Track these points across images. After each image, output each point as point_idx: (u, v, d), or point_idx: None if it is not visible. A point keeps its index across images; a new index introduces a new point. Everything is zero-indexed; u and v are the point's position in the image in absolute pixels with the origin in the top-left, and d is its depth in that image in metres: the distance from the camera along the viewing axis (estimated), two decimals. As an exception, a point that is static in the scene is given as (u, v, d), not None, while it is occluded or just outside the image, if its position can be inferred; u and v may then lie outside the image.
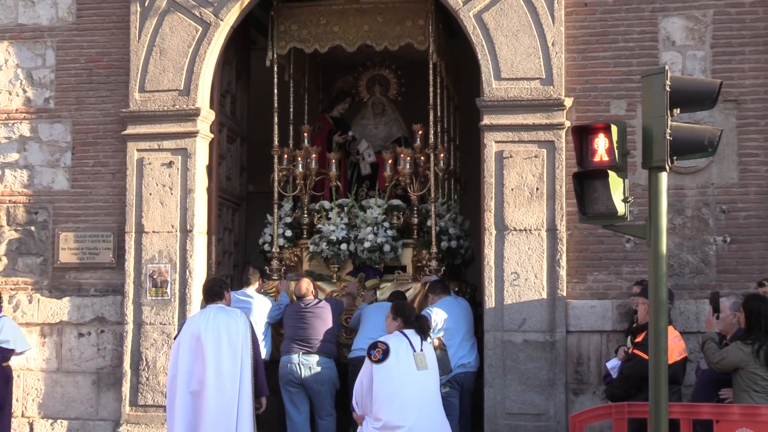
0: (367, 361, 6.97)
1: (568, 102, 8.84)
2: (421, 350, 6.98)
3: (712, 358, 6.79)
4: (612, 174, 5.46)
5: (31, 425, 9.53)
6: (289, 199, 10.48)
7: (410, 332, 7.02)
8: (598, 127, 5.55)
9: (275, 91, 10.39)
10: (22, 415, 9.46)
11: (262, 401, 7.58)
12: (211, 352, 7.30)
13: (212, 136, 9.77)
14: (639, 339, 7.36)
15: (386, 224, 9.97)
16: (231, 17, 9.56)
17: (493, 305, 8.80)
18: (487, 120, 8.97)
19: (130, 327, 9.40)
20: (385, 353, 6.86)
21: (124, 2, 9.74)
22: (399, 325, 7.15)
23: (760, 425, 6.24)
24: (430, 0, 9.67)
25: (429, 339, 7.80)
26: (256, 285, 9.32)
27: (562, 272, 8.73)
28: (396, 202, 10.30)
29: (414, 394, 6.82)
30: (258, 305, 9.12)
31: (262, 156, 11.02)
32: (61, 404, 9.64)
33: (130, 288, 9.44)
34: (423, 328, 7.08)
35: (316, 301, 9.11)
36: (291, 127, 10.75)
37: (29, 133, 9.92)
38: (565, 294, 8.72)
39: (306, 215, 10.38)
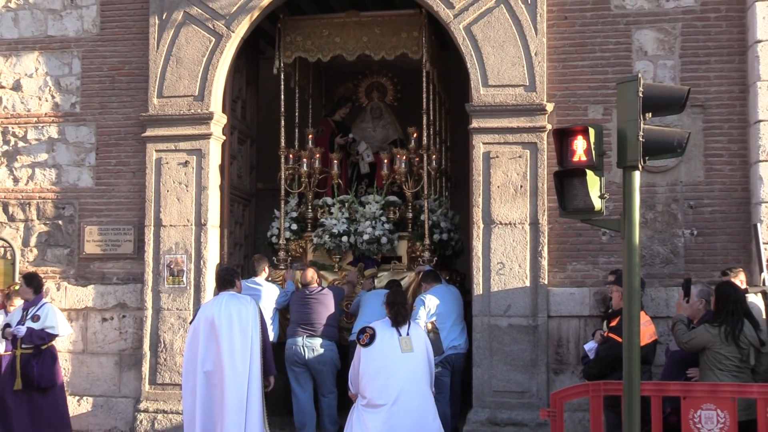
0: (357, 344, 6.99)
1: (550, 107, 8.84)
2: (408, 335, 6.98)
3: (681, 338, 6.81)
4: (589, 173, 5.47)
5: (59, 402, 9.53)
6: (294, 196, 10.48)
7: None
8: (577, 129, 5.56)
9: (282, 96, 10.39)
10: (52, 393, 9.47)
11: (270, 380, 7.60)
12: (223, 335, 7.31)
13: (224, 138, 9.76)
14: (614, 323, 7.38)
15: (383, 218, 9.98)
16: (241, 29, 9.55)
17: (481, 292, 8.80)
18: (475, 123, 8.97)
19: (149, 312, 9.40)
20: (372, 337, 6.88)
21: (143, 15, 9.73)
22: (387, 312, 7.20)
23: (722, 401, 6.26)
24: (424, 13, 9.67)
25: (422, 323, 7.83)
26: (265, 274, 9.33)
27: (544, 262, 8.74)
28: (392, 198, 10.31)
29: (397, 375, 6.82)
30: (266, 292, 9.13)
31: (270, 156, 11.04)
32: (86, 382, 9.65)
33: (149, 277, 9.44)
34: (397, 319, 7.07)
35: (320, 288, 9.13)
36: (296, 130, 10.74)
37: (57, 135, 9.92)
38: (546, 282, 8.73)
39: (310, 210, 10.38)
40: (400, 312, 7.11)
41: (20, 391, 8.55)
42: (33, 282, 8.89)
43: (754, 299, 7.35)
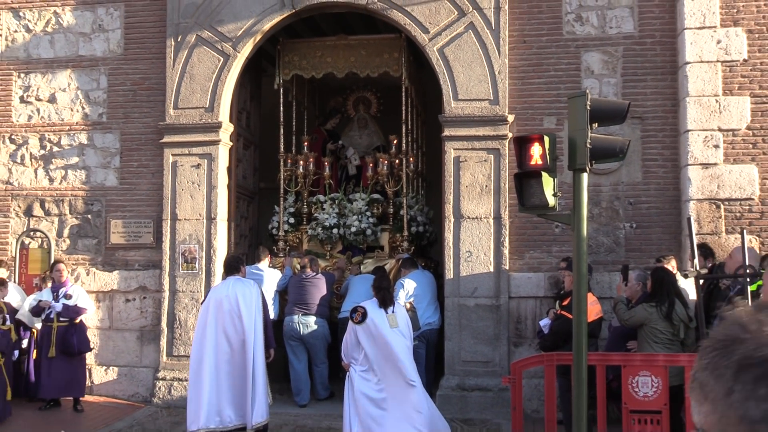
0: (349, 321, 6.98)
1: (511, 118, 8.85)
2: (393, 312, 6.98)
3: (623, 316, 6.85)
4: (544, 174, 5.47)
5: (89, 371, 9.46)
6: (292, 194, 10.45)
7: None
8: (534, 137, 5.56)
9: (281, 108, 10.35)
10: (82, 364, 9.41)
11: (270, 352, 7.56)
12: (230, 313, 7.28)
13: (231, 143, 9.71)
14: (565, 303, 7.41)
15: (368, 213, 9.97)
16: (246, 50, 9.50)
17: (452, 277, 8.82)
18: (447, 132, 8.97)
19: (166, 294, 9.36)
20: (364, 315, 6.86)
21: (161, 38, 9.67)
22: (375, 295, 7.19)
23: (656, 369, 6.31)
24: (403, 37, 9.65)
25: (402, 303, 7.82)
26: (266, 261, 9.30)
27: (506, 251, 8.76)
28: (376, 196, 10.30)
29: (389, 347, 6.81)
30: (268, 277, 9.11)
31: (270, 159, 11.00)
32: (112, 354, 9.60)
33: (166, 263, 9.39)
34: (384, 301, 7.06)
35: (314, 273, 9.11)
36: (293, 137, 10.71)
37: (86, 141, 9.84)
38: (507, 268, 8.75)
39: (305, 206, 10.35)
40: (386, 296, 7.12)
41: (53, 357, 8.70)
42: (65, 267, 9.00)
43: (684, 283, 7.40)
